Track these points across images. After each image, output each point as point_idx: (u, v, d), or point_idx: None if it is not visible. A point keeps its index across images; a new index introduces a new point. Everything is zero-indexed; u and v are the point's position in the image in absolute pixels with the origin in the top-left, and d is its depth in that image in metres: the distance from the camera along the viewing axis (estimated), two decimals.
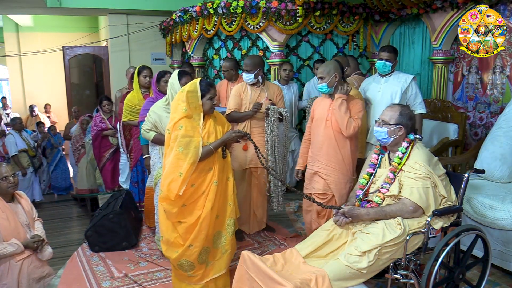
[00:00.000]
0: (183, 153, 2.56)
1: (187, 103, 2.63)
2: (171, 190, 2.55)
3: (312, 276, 2.20)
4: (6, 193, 2.83)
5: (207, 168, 2.67)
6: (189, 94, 2.63)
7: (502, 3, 4.03)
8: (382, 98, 3.58)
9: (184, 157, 2.56)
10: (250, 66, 3.61)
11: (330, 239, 2.53)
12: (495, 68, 4.25)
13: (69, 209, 5.80)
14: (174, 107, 2.69)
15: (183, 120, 2.61)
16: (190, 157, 2.56)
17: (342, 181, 3.10)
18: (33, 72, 9.77)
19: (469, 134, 4.53)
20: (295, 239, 3.68)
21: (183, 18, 5.89)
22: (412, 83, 3.57)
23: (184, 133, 2.58)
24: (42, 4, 6.37)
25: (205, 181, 2.66)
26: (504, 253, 3.00)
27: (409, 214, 2.39)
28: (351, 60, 4.43)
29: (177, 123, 2.61)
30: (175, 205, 2.61)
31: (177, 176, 2.55)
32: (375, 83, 3.75)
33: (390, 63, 3.59)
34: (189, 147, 2.57)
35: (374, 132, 2.63)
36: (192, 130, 2.61)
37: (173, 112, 2.67)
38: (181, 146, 2.56)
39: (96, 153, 5.21)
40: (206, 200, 2.65)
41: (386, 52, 3.59)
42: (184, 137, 2.57)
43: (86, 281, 3.21)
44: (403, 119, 2.54)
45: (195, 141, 2.60)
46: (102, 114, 5.22)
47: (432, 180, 2.43)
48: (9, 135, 5.86)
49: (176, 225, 2.67)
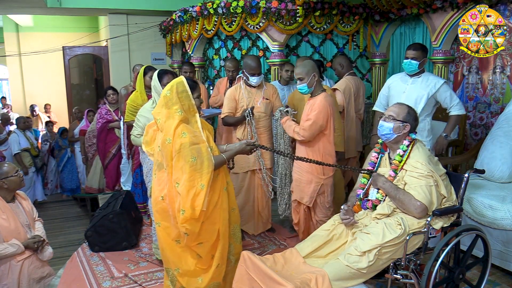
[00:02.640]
0: (198, 162, 2.26)
1: (181, 104, 2.33)
2: (196, 207, 2.23)
3: (312, 276, 2.20)
4: (19, 187, 2.90)
5: (215, 175, 2.39)
6: (179, 94, 2.34)
7: (502, 3, 4.03)
8: (406, 101, 3.14)
9: (200, 167, 2.26)
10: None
11: (330, 239, 2.53)
12: (495, 68, 4.25)
13: (69, 209, 5.80)
14: (165, 112, 2.34)
15: (182, 126, 2.31)
16: (207, 165, 2.28)
17: (305, 181, 3.23)
18: (33, 72, 9.78)
19: (469, 134, 4.53)
20: (295, 239, 3.68)
21: (183, 18, 5.89)
22: (443, 87, 3.36)
23: (191, 140, 2.28)
24: (42, 4, 6.37)
25: (215, 190, 2.39)
26: (504, 253, 3.00)
27: (414, 209, 2.36)
28: (344, 59, 4.41)
29: (177, 129, 2.28)
30: (198, 224, 2.30)
31: (199, 189, 2.24)
32: (401, 82, 3.53)
33: (416, 62, 3.35)
34: (201, 155, 2.28)
35: (379, 126, 2.59)
36: (196, 137, 2.32)
37: (167, 118, 2.32)
38: (193, 156, 2.26)
39: (100, 148, 4.93)
40: (220, 210, 2.40)
41: (412, 50, 3.37)
42: (192, 144, 2.27)
43: (86, 281, 3.21)
44: (410, 118, 2.54)
45: (204, 147, 2.31)
46: (108, 106, 4.98)
47: (434, 178, 2.42)
48: (13, 134, 5.86)
49: (194, 249, 2.37)
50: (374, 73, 5.63)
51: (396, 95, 3.51)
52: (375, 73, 5.62)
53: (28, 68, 9.78)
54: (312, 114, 3.10)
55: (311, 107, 3.15)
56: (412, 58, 3.37)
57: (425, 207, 2.37)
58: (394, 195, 2.44)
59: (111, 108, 5.00)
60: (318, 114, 3.07)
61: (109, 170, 4.95)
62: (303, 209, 3.32)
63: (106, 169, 4.99)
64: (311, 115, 3.10)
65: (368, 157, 2.84)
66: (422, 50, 3.37)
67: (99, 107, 5.18)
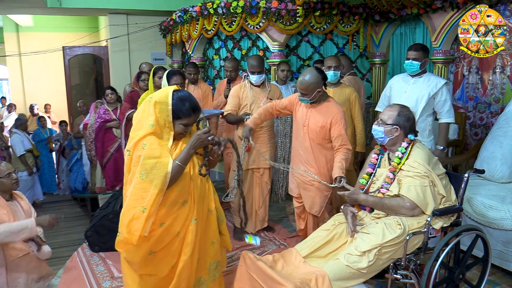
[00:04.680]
0: (147, 180, 1.89)
1: (155, 117, 1.96)
2: (133, 231, 1.88)
3: (312, 276, 2.20)
4: (10, 190, 2.84)
5: (180, 201, 2.00)
6: (157, 105, 1.96)
7: (502, 3, 4.03)
8: (407, 100, 3.24)
9: (147, 186, 1.89)
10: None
11: (330, 239, 2.53)
12: (495, 68, 4.25)
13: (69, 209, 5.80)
14: (138, 122, 2.00)
15: (148, 138, 1.94)
16: (156, 184, 1.89)
17: (314, 190, 3.05)
18: (33, 72, 9.79)
19: (469, 134, 4.53)
20: (295, 239, 3.68)
21: (183, 18, 5.89)
22: (443, 89, 3.33)
23: (148, 153, 1.91)
24: (42, 4, 6.37)
25: (179, 219, 1.99)
26: (504, 253, 3.00)
27: (407, 210, 2.38)
28: (345, 59, 4.41)
29: (139, 141, 1.94)
30: (138, 252, 1.95)
31: (139, 212, 1.88)
32: (403, 82, 3.52)
33: (418, 63, 3.33)
34: (153, 171, 1.89)
35: (372, 130, 2.62)
36: (159, 149, 1.94)
37: (136, 129, 1.98)
38: (143, 171, 1.90)
39: (98, 148, 4.87)
40: (183, 244, 2.02)
41: (412, 50, 3.36)
42: (148, 158, 1.90)
43: (86, 281, 3.21)
44: (400, 120, 2.53)
45: (163, 162, 1.92)
46: (106, 106, 4.95)
47: (430, 178, 2.42)
48: (15, 135, 5.82)
49: (145, 279, 2.04)
50: (374, 73, 5.63)
51: (397, 95, 3.50)
52: (375, 73, 5.62)
53: (28, 68, 9.79)
54: (337, 128, 2.91)
55: (331, 119, 2.93)
56: (414, 59, 3.35)
57: (415, 206, 2.37)
58: (381, 206, 2.46)
59: (109, 107, 4.97)
60: (345, 126, 2.94)
61: (108, 170, 4.89)
62: (312, 218, 3.19)
63: (104, 169, 4.93)
64: (337, 129, 2.92)
65: (368, 158, 2.84)
66: (423, 51, 3.36)
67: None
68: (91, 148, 5.19)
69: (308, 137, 3.01)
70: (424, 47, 3.40)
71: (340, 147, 2.94)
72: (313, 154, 3.02)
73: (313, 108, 3.00)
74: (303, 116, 3.05)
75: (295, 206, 3.27)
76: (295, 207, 3.27)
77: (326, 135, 2.97)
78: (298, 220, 3.29)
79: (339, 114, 2.93)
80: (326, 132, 2.96)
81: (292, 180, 3.23)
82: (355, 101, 3.74)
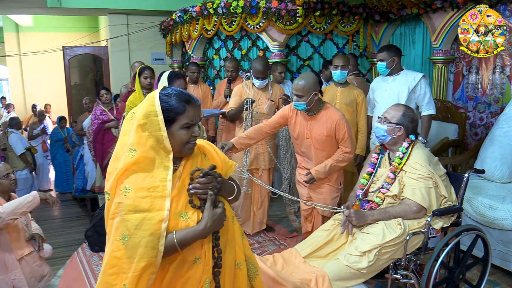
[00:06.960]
0: (129, 246, 1.30)
1: (138, 138, 1.36)
2: None
3: (312, 276, 2.20)
4: (8, 190, 2.84)
5: (190, 259, 1.41)
6: (141, 122, 1.37)
7: (502, 3, 4.03)
8: (389, 97, 3.44)
9: (130, 255, 1.30)
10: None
11: (330, 239, 2.53)
12: (495, 68, 4.25)
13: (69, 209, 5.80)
14: (117, 149, 1.43)
15: (132, 177, 1.35)
16: (141, 258, 1.29)
17: (327, 192, 3.03)
18: (33, 72, 9.79)
19: (469, 134, 4.53)
20: (295, 239, 3.68)
21: (183, 18, 5.89)
22: (421, 82, 3.42)
23: (132, 203, 1.32)
24: (42, 4, 6.37)
25: (189, 283, 1.41)
26: (504, 253, 3.00)
27: (413, 214, 2.39)
28: (353, 59, 4.42)
29: (120, 179, 1.36)
30: None
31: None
32: (383, 82, 3.62)
33: (383, 63, 3.47)
34: (138, 232, 1.30)
35: (374, 128, 2.61)
36: (147, 195, 1.34)
37: (115, 159, 1.40)
38: (124, 231, 1.31)
39: (98, 149, 4.86)
40: None
41: (380, 52, 3.51)
42: (131, 212, 1.31)
43: (86, 281, 3.21)
44: (405, 120, 2.54)
45: (153, 220, 1.31)
46: (102, 106, 4.95)
47: (434, 180, 2.43)
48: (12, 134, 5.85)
49: None
50: (374, 73, 5.63)
51: (379, 95, 3.61)
52: (375, 73, 5.62)
53: (28, 68, 9.79)
54: (342, 132, 2.86)
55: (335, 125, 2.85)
56: (380, 60, 3.50)
57: (421, 208, 2.38)
58: (387, 216, 2.43)
59: (105, 108, 4.97)
60: (348, 129, 2.88)
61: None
62: (319, 220, 3.14)
63: (105, 169, 4.88)
64: (341, 133, 2.86)
65: (368, 158, 2.84)
66: (388, 50, 3.46)
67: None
68: (91, 148, 5.20)
69: (313, 147, 2.95)
70: (391, 47, 3.52)
71: (339, 148, 2.93)
72: (320, 158, 2.97)
73: (312, 120, 2.90)
74: (303, 128, 2.95)
75: (302, 209, 3.21)
76: (303, 210, 3.20)
77: (333, 141, 2.91)
78: (305, 222, 3.23)
79: (341, 118, 2.85)
80: (332, 139, 2.90)
81: (302, 187, 3.15)
82: (361, 103, 3.73)
